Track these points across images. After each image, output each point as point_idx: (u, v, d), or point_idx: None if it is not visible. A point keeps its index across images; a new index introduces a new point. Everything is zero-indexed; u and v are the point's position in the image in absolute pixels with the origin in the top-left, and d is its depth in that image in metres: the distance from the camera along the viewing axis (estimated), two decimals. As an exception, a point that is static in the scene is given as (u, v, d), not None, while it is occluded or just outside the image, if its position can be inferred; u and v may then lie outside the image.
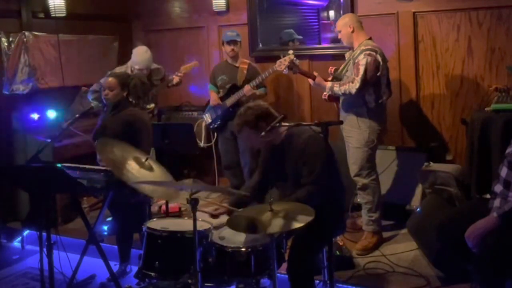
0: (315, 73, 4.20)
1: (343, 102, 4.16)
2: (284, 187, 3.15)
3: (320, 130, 2.87)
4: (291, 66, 4.29)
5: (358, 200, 4.25)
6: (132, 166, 3.06)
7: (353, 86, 3.89)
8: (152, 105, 5.04)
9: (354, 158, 4.07)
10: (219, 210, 3.13)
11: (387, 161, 4.67)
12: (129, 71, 4.94)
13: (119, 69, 5.01)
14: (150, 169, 3.11)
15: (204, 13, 5.89)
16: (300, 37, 5.59)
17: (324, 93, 4.19)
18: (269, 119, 3.00)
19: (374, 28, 4.71)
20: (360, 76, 3.87)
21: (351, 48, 4.19)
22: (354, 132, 4.06)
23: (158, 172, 3.13)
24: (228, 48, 5.00)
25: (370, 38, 4.09)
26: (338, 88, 3.99)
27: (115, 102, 3.80)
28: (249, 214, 2.72)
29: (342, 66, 4.18)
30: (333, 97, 4.20)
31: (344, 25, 4.09)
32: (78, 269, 3.51)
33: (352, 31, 4.06)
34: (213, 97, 5.07)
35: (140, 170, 3.06)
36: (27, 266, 4.24)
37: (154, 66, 5.11)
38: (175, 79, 5.13)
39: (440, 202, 4.01)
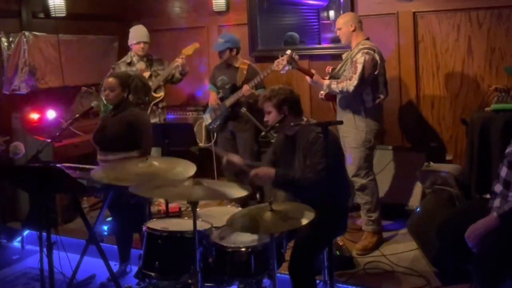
0: (313, 71, 4.20)
1: (340, 101, 4.16)
2: None
3: (320, 130, 2.88)
4: (290, 61, 4.26)
5: (358, 200, 4.25)
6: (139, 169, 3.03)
7: (350, 84, 3.89)
8: (162, 93, 5.07)
9: (351, 158, 4.07)
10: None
11: (387, 161, 4.68)
12: (128, 59, 5.02)
13: (122, 61, 5.07)
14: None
15: (204, 13, 5.89)
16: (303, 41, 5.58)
17: (321, 92, 4.19)
18: (294, 108, 3.11)
19: (374, 28, 4.71)
20: (358, 74, 3.87)
21: (349, 47, 4.18)
22: (351, 132, 4.06)
23: (164, 164, 3.09)
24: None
25: (368, 38, 4.09)
26: (335, 86, 3.99)
27: (116, 102, 3.80)
28: (250, 214, 2.72)
29: (340, 65, 4.19)
30: (330, 96, 4.20)
31: (345, 23, 4.09)
32: (78, 269, 3.50)
33: (353, 30, 4.06)
34: (213, 98, 5.07)
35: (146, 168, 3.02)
36: (27, 266, 4.23)
37: (155, 57, 5.17)
38: (178, 61, 5.03)
39: (440, 202, 4.01)
